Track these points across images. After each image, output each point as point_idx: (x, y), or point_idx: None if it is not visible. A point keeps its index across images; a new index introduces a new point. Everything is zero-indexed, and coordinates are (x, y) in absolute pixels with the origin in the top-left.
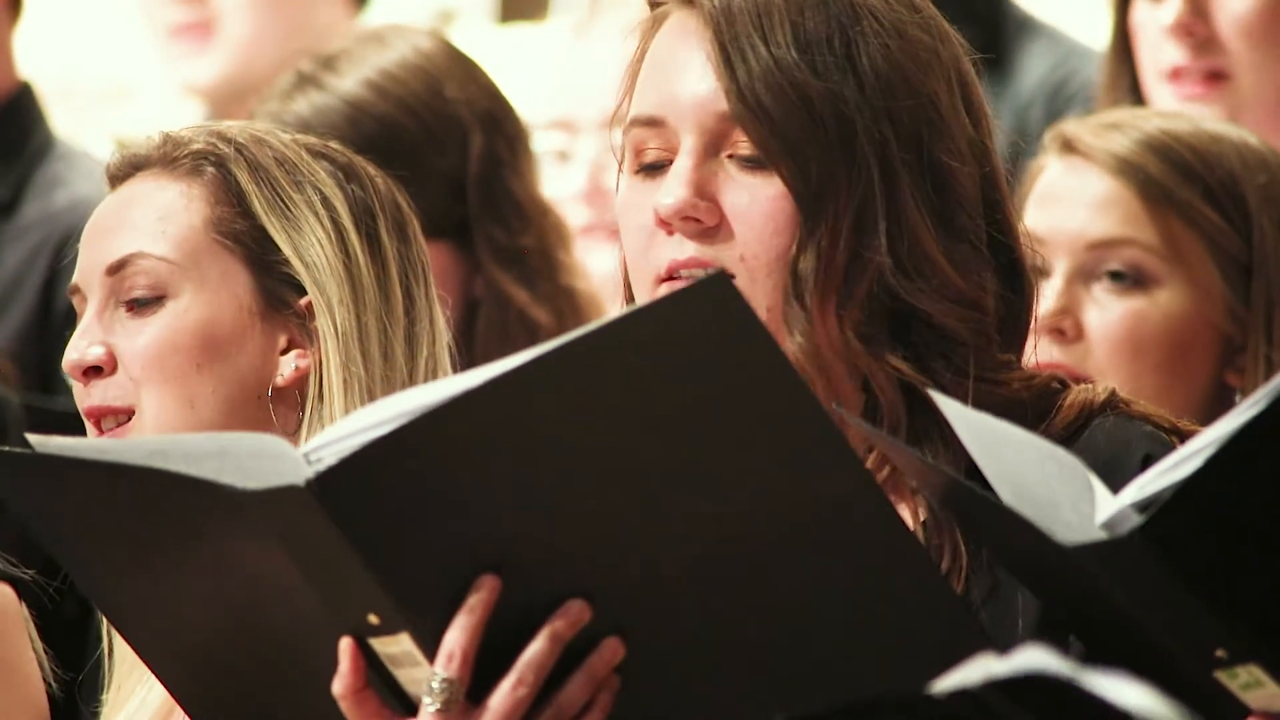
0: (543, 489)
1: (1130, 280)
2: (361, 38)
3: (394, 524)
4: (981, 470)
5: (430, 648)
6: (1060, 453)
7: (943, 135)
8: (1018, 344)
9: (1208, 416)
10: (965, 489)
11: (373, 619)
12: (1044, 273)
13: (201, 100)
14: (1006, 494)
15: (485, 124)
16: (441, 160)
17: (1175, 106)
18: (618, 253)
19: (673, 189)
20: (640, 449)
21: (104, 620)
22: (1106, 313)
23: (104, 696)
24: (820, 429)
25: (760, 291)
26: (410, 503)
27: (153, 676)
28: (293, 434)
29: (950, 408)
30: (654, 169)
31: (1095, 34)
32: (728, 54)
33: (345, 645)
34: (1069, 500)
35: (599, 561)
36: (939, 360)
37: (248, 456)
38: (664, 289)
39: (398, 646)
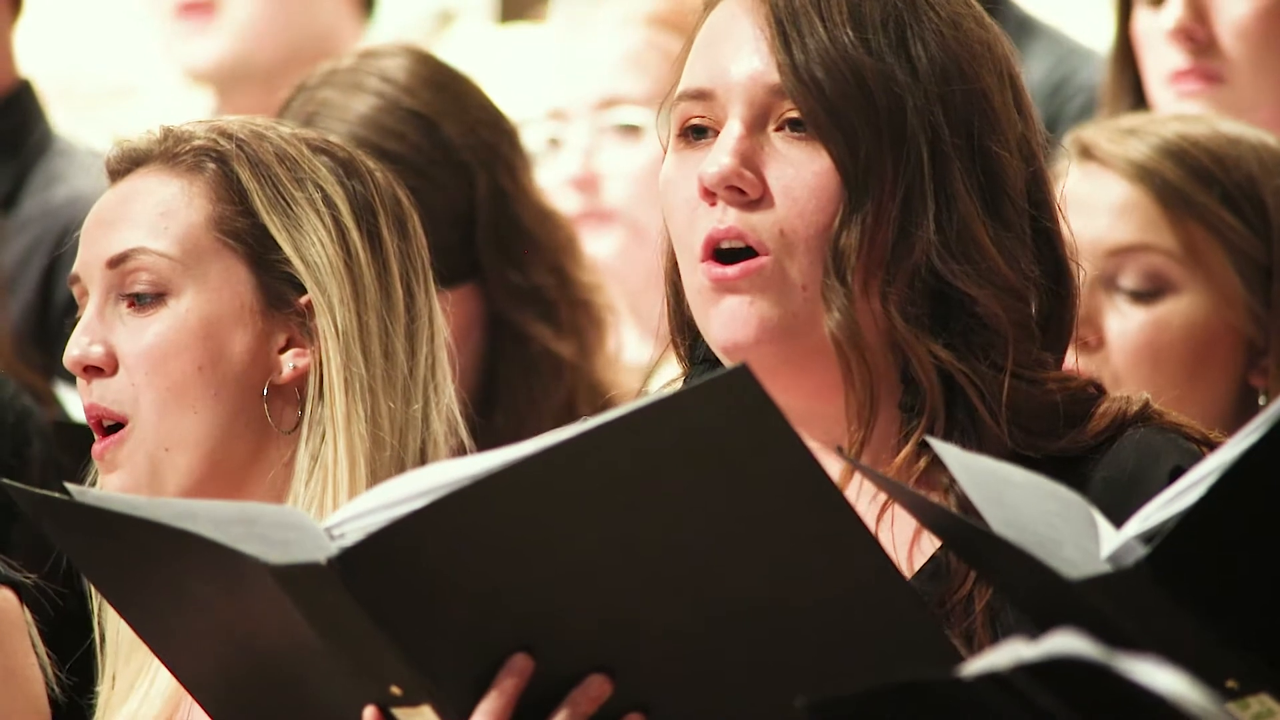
0: (565, 568)
1: (1148, 289)
2: (335, 82)
3: (416, 601)
4: (984, 516)
5: None
6: (1062, 491)
7: (993, 126)
8: (1059, 345)
9: (1233, 419)
10: (968, 526)
11: (395, 690)
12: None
13: (205, 85)
14: (1009, 537)
15: (486, 161)
16: (447, 208)
17: (1176, 106)
18: (619, 240)
19: (718, 158)
20: (662, 531)
21: (95, 610)
22: (1127, 321)
23: (98, 688)
24: (839, 514)
25: (796, 267)
26: (433, 580)
27: (153, 669)
28: (290, 432)
29: (949, 454)
30: (699, 135)
31: (1095, 34)
32: (784, 29)
33: (369, 715)
34: (1072, 539)
35: (621, 638)
36: (978, 351)
37: (272, 526)
38: (702, 269)
39: (420, 718)
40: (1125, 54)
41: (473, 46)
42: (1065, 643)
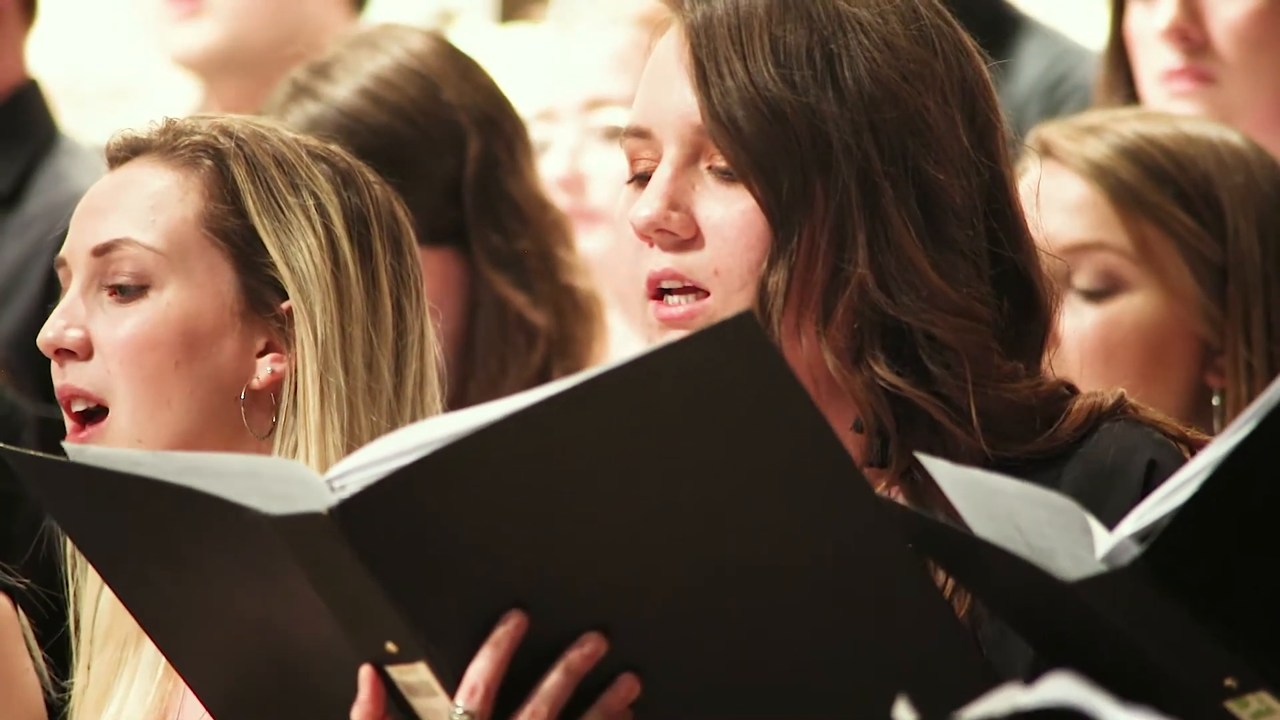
0: (563, 523)
1: (1101, 288)
2: (354, 42)
3: (414, 554)
4: (973, 529)
5: (447, 678)
6: (1054, 498)
7: (930, 147)
8: (1028, 352)
9: (1188, 419)
10: (958, 534)
11: (390, 647)
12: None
13: (193, 74)
14: (1001, 544)
15: (482, 126)
16: (439, 166)
17: (1168, 105)
18: (603, 240)
19: (648, 200)
20: (662, 485)
21: (71, 598)
22: (1080, 319)
23: (70, 681)
24: (840, 467)
25: (734, 305)
26: (431, 534)
27: (131, 667)
28: (265, 438)
29: (938, 468)
30: (643, 179)
31: (1091, 33)
32: (703, 69)
33: (365, 673)
34: (1064, 547)
35: (617, 596)
36: (943, 369)
37: (274, 480)
38: (650, 309)
39: (415, 675)
40: (1118, 51)
41: (472, 46)
42: (1061, 689)
